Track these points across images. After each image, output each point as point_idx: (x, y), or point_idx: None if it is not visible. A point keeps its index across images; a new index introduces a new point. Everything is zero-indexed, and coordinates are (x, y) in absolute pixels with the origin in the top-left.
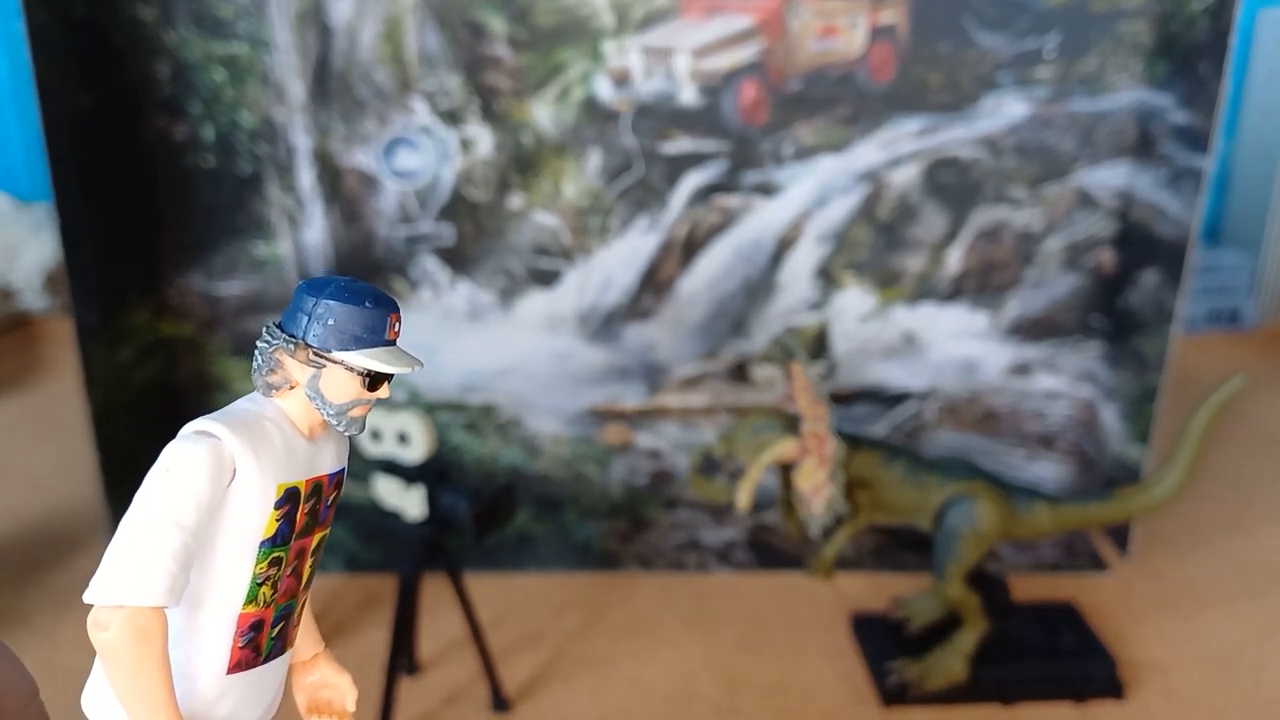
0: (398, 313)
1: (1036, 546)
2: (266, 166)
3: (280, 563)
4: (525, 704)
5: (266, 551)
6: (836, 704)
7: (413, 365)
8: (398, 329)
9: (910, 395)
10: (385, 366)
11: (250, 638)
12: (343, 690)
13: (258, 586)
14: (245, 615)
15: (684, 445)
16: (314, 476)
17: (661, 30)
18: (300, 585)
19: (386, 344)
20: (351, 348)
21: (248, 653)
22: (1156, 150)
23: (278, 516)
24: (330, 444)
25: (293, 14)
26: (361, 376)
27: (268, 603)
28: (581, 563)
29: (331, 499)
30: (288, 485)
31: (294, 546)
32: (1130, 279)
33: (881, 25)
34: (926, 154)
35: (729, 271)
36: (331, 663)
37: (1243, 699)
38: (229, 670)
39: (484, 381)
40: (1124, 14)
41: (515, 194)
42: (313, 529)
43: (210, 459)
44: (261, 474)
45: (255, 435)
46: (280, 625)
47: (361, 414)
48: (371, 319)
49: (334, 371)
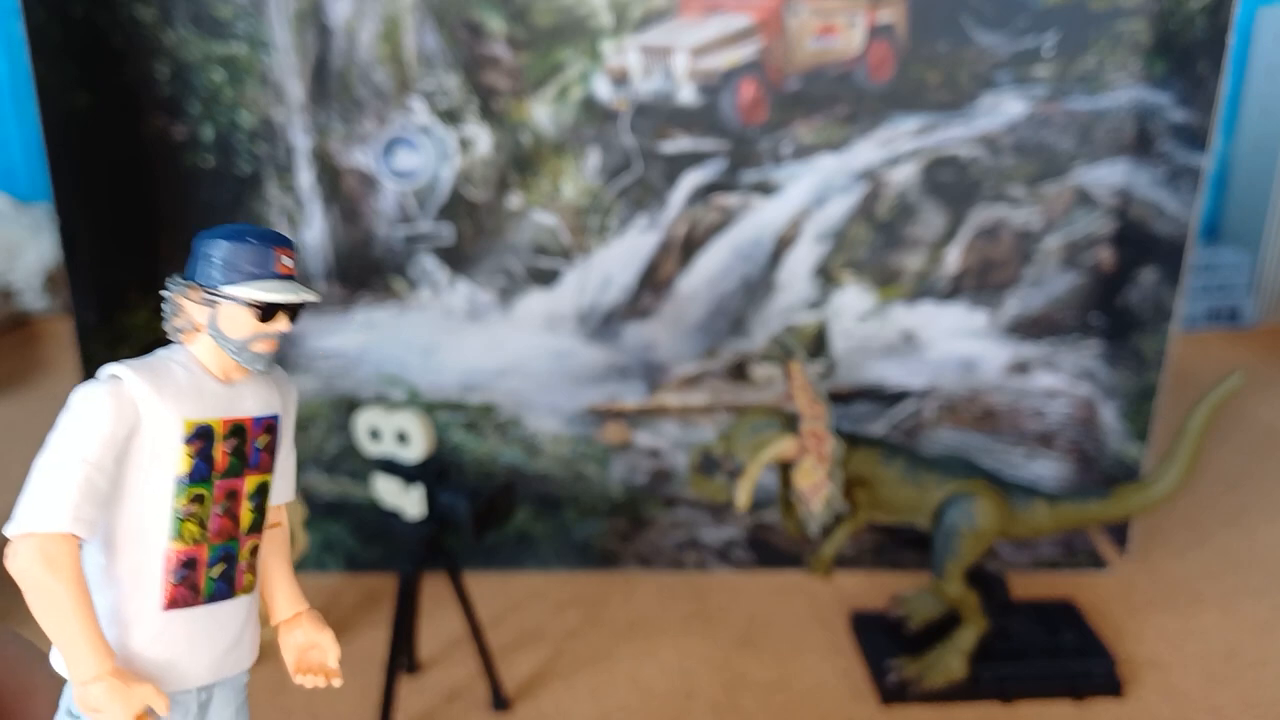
0: (285, 247)
1: (1035, 544)
2: (265, 166)
3: (203, 500)
4: (525, 702)
5: (184, 488)
6: (836, 702)
7: (299, 295)
8: (287, 263)
9: (909, 393)
10: (267, 296)
11: (184, 575)
12: (325, 648)
13: (181, 522)
14: (174, 551)
15: (683, 444)
16: (232, 418)
17: (660, 29)
18: (238, 528)
19: (275, 277)
20: (238, 282)
21: (183, 590)
22: (1155, 148)
23: (190, 453)
24: (255, 388)
25: (291, 14)
26: (252, 309)
27: (197, 540)
28: (581, 561)
29: (263, 444)
30: (197, 422)
31: (219, 486)
32: (1129, 277)
33: (880, 24)
34: (925, 153)
35: (728, 270)
36: (314, 621)
37: (1242, 696)
38: (165, 606)
39: (483, 381)
40: (1122, 12)
41: (514, 193)
42: (241, 471)
43: (111, 397)
44: (165, 410)
45: (159, 375)
46: (221, 566)
47: (265, 349)
48: (255, 253)
49: (227, 308)
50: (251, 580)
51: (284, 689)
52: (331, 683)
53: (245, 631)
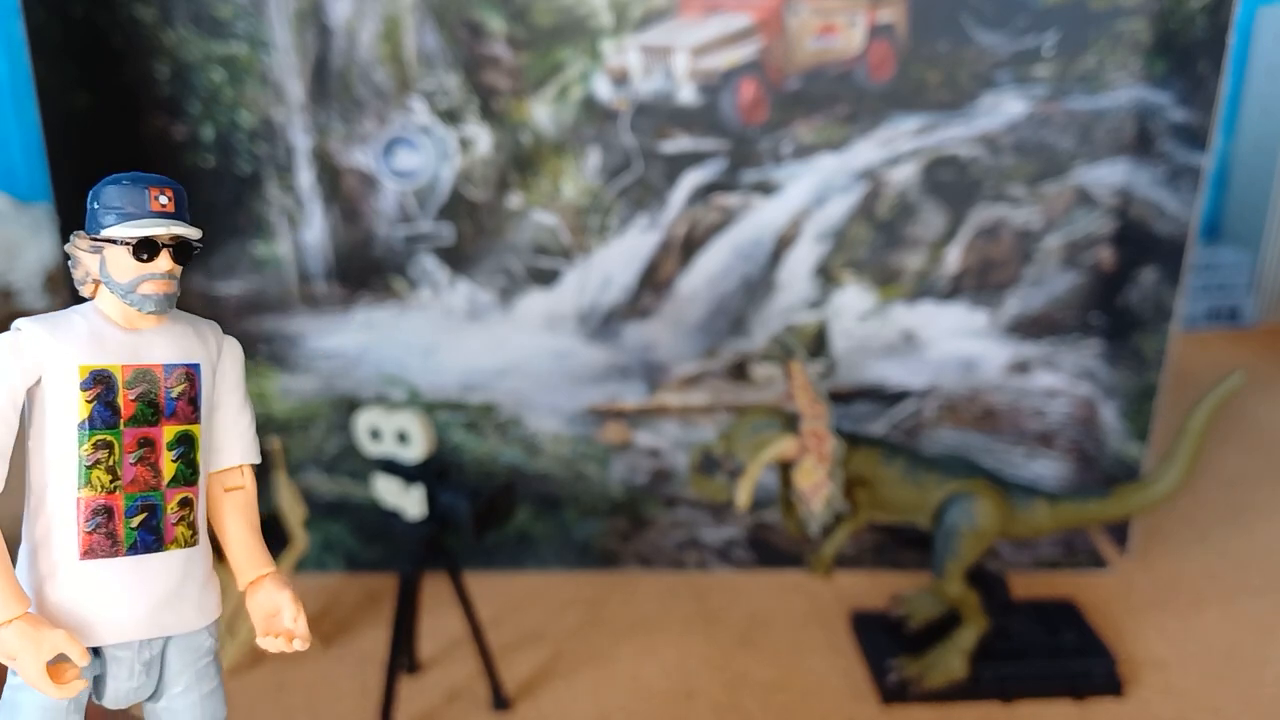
0: (162, 186)
1: (1036, 544)
2: (266, 166)
3: (110, 447)
4: (525, 702)
5: (87, 434)
6: (836, 701)
7: (168, 228)
8: (163, 200)
9: (909, 393)
10: (136, 231)
11: (98, 523)
12: (283, 609)
13: (88, 470)
14: (85, 500)
15: (684, 444)
16: (136, 364)
17: (660, 29)
18: (159, 478)
19: (151, 215)
20: (115, 224)
21: (99, 539)
22: (1155, 148)
23: (88, 398)
24: (168, 337)
25: (291, 14)
26: (128, 248)
27: (108, 489)
28: (581, 561)
29: (179, 393)
30: (92, 368)
31: (129, 434)
32: (1129, 277)
33: (880, 23)
34: (925, 152)
35: (728, 270)
36: (275, 582)
37: (1242, 696)
38: (81, 555)
39: (483, 380)
40: (1122, 12)
41: (514, 193)
42: (155, 419)
43: (6, 348)
44: (61, 357)
45: (56, 324)
46: (141, 516)
47: (153, 290)
48: (128, 193)
49: (110, 252)
50: (187, 534)
51: (285, 689)
52: (293, 645)
53: (186, 588)
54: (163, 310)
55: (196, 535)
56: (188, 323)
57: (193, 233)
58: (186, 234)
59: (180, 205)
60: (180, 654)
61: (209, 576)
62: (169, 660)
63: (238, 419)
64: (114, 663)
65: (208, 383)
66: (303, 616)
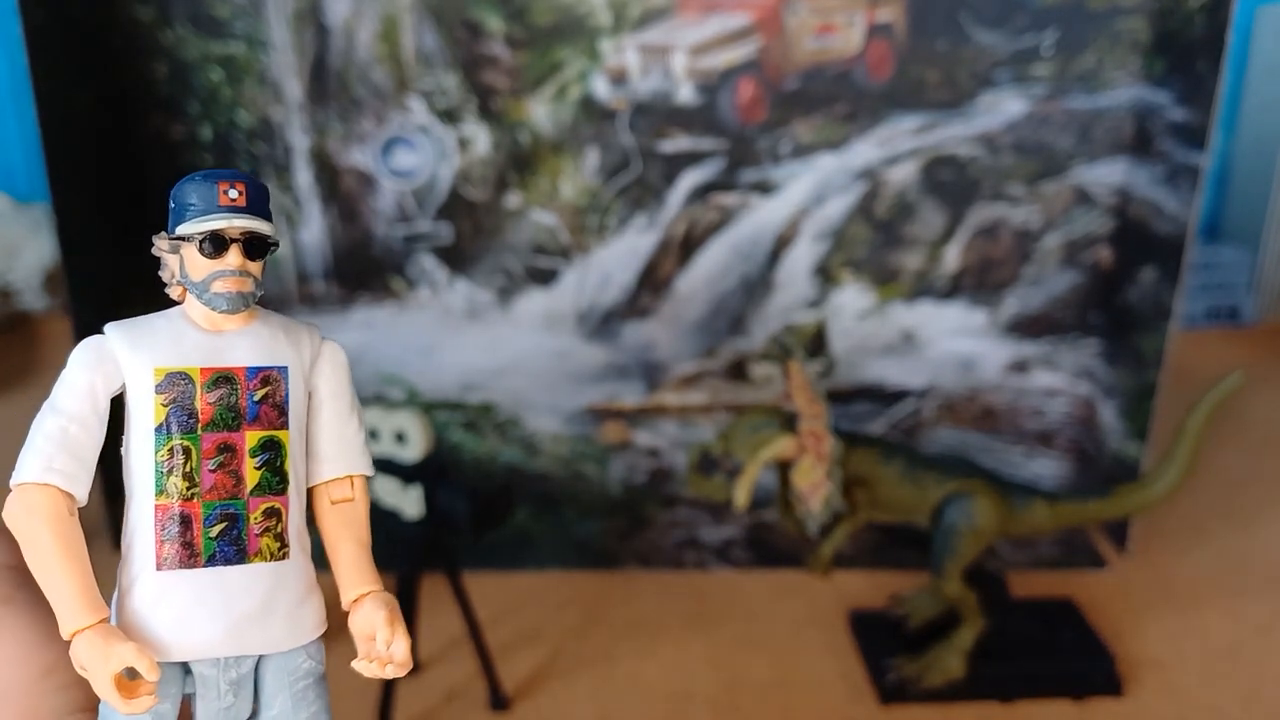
0: (233, 180)
1: (1035, 544)
2: (264, 166)
3: (187, 453)
4: (524, 702)
5: (163, 439)
6: (835, 701)
7: (230, 222)
8: (233, 194)
9: (908, 393)
10: (201, 225)
11: (175, 532)
12: (379, 634)
13: (164, 476)
14: (161, 507)
15: (682, 443)
16: (216, 366)
17: (658, 28)
18: (241, 486)
19: (220, 210)
20: (186, 221)
21: (176, 549)
22: (1154, 147)
23: (164, 401)
24: (252, 338)
25: (290, 13)
26: (198, 246)
27: (185, 496)
28: (580, 561)
29: (262, 396)
30: (168, 370)
31: (208, 439)
32: (1128, 276)
33: (879, 23)
34: (924, 152)
35: (727, 270)
36: (376, 602)
37: (1241, 695)
38: (157, 566)
39: (482, 380)
40: (1121, 11)
41: (513, 193)
42: (235, 424)
43: (88, 351)
44: (137, 360)
45: (137, 328)
46: (221, 526)
47: (225, 287)
48: (199, 189)
49: (185, 250)
50: (274, 547)
51: None
52: (384, 671)
53: (275, 605)
54: (236, 309)
55: (286, 548)
56: (278, 324)
57: (264, 227)
58: (258, 228)
59: (254, 199)
60: (274, 675)
61: (307, 594)
62: (263, 681)
63: (343, 427)
64: (201, 681)
65: (297, 387)
66: (401, 640)
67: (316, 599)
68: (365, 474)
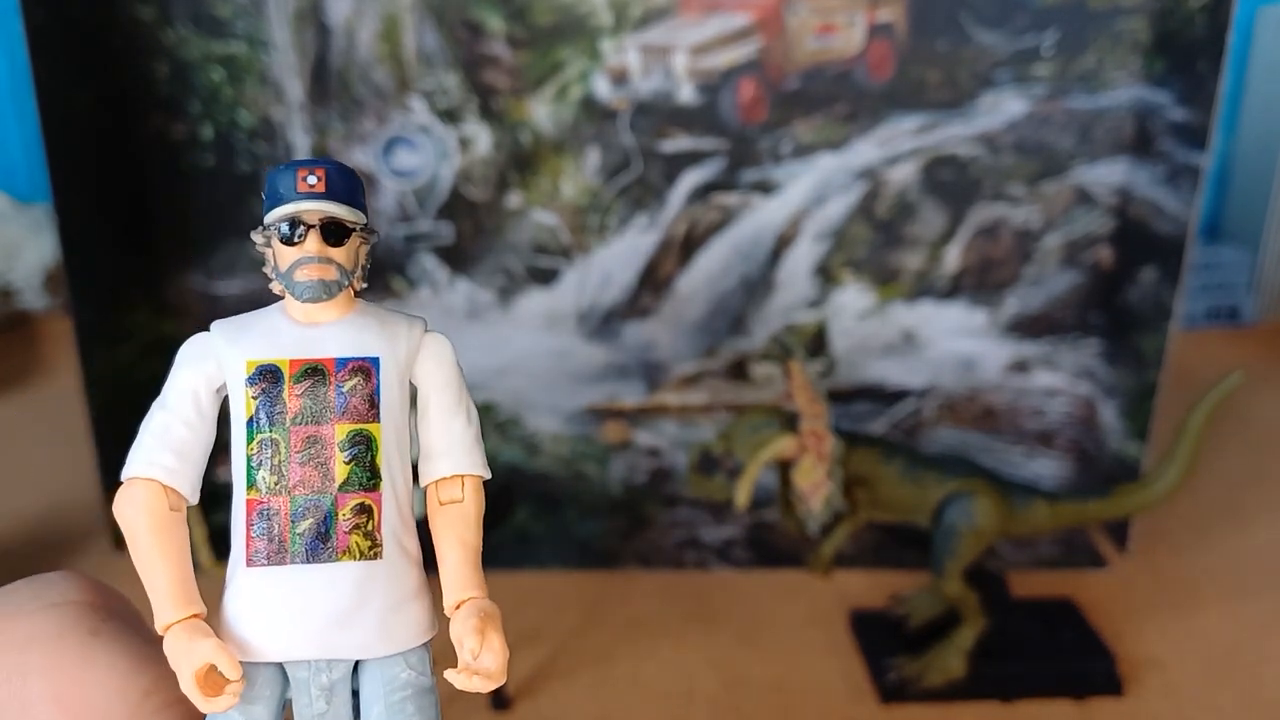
0: (312, 166)
1: (1035, 543)
2: (265, 165)
3: (275, 446)
4: (525, 702)
5: (253, 432)
6: (835, 701)
7: (302, 205)
8: (311, 180)
9: (909, 393)
10: (279, 212)
11: (263, 528)
12: (467, 644)
13: (254, 470)
14: (251, 501)
15: (683, 443)
16: (304, 358)
17: (659, 28)
18: (329, 481)
19: (299, 196)
20: (270, 210)
21: (264, 544)
22: (1155, 147)
23: (253, 394)
24: (345, 330)
25: (291, 13)
26: (277, 233)
27: (272, 490)
28: (581, 561)
29: (351, 388)
30: (259, 362)
31: (296, 432)
32: (1129, 276)
33: (879, 23)
34: (925, 151)
35: (728, 269)
36: (471, 609)
37: (1242, 695)
38: (247, 562)
39: (483, 380)
40: (1122, 11)
41: (514, 192)
42: (324, 417)
43: (190, 348)
44: (233, 354)
45: (238, 323)
46: (309, 521)
47: (307, 275)
48: (280, 177)
49: (273, 242)
50: (364, 545)
51: None
52: (472, 682)
53: (366, 607)
54: (318, 296)
55: (378, 548)
56: (374, 315)
57: (342, 211)
58: (335, 213)
59: (335, 184)
60: (371, 683)
61: (407, 598)
62: (362, 688)
63: (449, 424)
64: (296, 685)
65: (390, 380)
66: (492, 653)
67: (419, 605)
68: (478, 475)
